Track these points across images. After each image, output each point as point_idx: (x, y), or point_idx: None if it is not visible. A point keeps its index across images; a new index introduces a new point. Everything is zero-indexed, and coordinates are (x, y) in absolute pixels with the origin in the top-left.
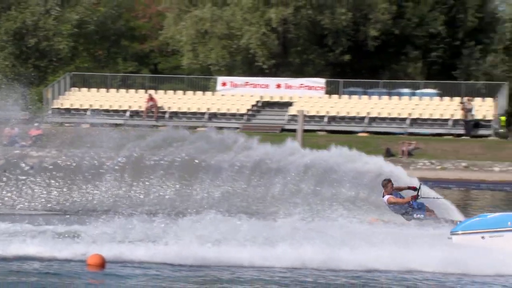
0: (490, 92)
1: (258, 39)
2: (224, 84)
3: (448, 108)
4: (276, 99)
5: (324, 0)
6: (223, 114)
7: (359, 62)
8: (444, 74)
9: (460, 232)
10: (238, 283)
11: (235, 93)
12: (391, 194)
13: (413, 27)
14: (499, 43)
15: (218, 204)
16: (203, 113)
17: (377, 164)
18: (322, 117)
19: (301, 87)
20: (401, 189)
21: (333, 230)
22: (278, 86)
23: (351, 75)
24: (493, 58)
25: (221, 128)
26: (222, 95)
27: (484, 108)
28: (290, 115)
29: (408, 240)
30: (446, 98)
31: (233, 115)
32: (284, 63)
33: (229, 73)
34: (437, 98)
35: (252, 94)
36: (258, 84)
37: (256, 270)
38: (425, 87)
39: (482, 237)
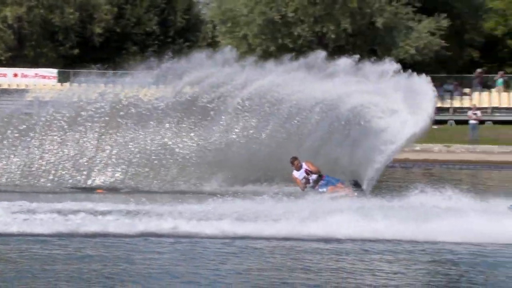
0: None
1: None
2: None
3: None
4: (13, 87)
5: (55, 1)
6: None
7: (87, 55)
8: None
9: None
10: None
11: None
12: (298, 169)
13: (132, 26)
14: (203, 40)
15: None
16: None
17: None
18: None
19: (35, 76)
20: (312, 171)
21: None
22: (15, 75)
23: (81, 66)
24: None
25: None
26: None
27: None
28: (27, 100)
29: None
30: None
31: None
32: (20, 55)
33: None
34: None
35: None
36: None
37: None
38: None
39: None
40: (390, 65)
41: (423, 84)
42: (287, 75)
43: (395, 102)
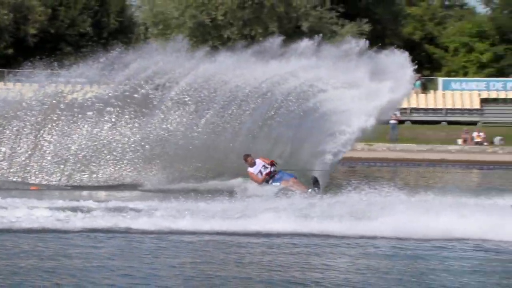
0: None
1: None
2: None
3: None
4: None
5: None
6: None
7: (22, 55)
8: None
9: None
10: None
11: None
12: (252, 166)
13: (66, 27)
14: (136, 42)
15: None
16: None
17: None
18: None
19: None
20: (268, 163)
21: None
22: None
23: (16, 66)
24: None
25: None
26: None
27: None
28: None
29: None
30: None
31: None
32: None
33: None
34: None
35: None
36: None
37: None
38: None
39: None
40: (355, 43)
41: (394, 55)
42: (237, 58)
43: (357, 74)
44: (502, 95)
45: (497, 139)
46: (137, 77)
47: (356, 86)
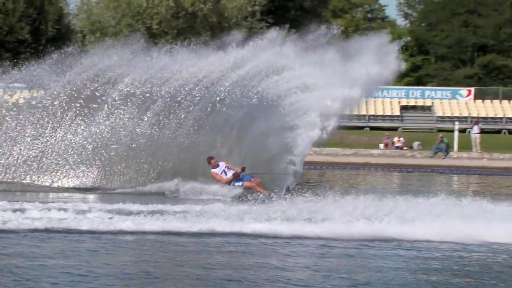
0: None
1: None
2: None
3: None
4: None
5: None
6: None
7: None
8: None
9: None
10: None
11: None
12: (215, 168)
13: (5, 34)
14: (81, 46)
15: None
16: None
17: None
18: None
19: None
20: (231, 167)
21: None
22: None
23: None
24: None
25: None
26: None
27: None
28: None
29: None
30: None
31: None
32: None
33: None
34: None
35: None
36: None
37: None
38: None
39: None
40: (326, 29)
41: (374, 38)
42: (194, 49)
43: (327, 56)
44: (420, 102)
45: (415, 144)
46: (88, 72)
47: (327, 65)
